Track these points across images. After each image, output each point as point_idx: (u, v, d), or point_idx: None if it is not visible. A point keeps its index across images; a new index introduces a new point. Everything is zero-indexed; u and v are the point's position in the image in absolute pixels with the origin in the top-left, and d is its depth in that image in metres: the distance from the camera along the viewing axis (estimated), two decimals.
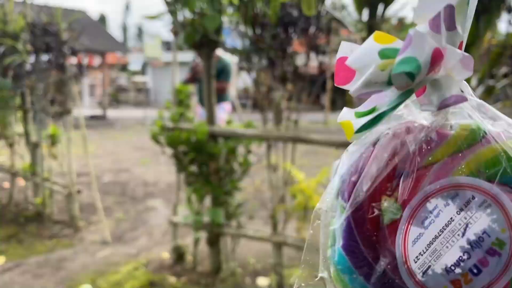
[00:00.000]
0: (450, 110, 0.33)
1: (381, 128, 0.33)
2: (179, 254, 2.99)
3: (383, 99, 0.32)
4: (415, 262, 0.30)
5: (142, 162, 7.07)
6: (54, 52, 3.41)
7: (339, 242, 0.32)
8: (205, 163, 2.68)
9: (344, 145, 2.09)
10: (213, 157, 2.64)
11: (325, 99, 15.44)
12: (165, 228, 3.68)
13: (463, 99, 0.31)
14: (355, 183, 0.32)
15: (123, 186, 5.38)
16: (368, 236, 0.31)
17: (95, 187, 3.62)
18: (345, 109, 0.35)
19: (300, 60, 2.33)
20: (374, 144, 0.33)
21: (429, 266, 0.30)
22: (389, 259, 0.31)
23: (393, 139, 0.32)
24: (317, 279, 0.33)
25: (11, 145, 4.22)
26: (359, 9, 1.98)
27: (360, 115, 0.33)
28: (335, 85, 0.34)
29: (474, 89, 2.00)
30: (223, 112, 3.95)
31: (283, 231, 2.52)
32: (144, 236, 3.59)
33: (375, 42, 0.31)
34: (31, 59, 3.58)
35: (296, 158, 2.69)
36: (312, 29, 2.20)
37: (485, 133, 0.31)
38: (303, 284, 0.34)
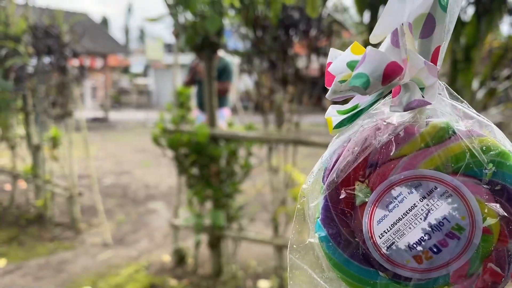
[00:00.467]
0: (426, 110, 0.37)
1: (358, 123, 0.38)
2: (180, 257, 2.98)
3: (364, 98, 0.38)
4: (380, 238, 0.36)
5: (144, 164, 7.07)
6: (56, 54, 3.41)
7: (319, 216, 0.38)
8: (206, 166, 2.67)
9: None
10: (214, 160, 2.63)
11: (327, 101, 15.42)
12: (166, 230, 3.68)
13: (425, 103, 0.35)
14: (331, 169, 0.37)
15: (124, 188, 5.38)
16: (343, 213, 0.37)
17: (96, 190, 3.62)
18: (330, 106, 0.40)
19: (301, 62, 2.33)
20: (350, 137, 0.38)
21: (393, 242, 0.36)
22: (359, 234, 0.37)
23: (365, 134, 0.37)
24: (306, 243, 0.39)
25: (12, 147, 4.23)
26: (361, 12, 1.97)
27: (342, 112, 0.39)
28: (325, 86, 0.38)
29: (475, 91, 1.99)
30: (222, 120, 3.79)
31: (284, 233, 2.52)
32: (145, 238, 3.59)
33: (350, 53, 0.36)
34: (33, 61, 3.59)
35: (297, 161, 2.68)
36: (313, 32, 2.20)
37: (454, 131, 0.36)
38: (294, 246, 0.40)
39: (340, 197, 0.37)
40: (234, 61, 4.08)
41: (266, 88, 2.44)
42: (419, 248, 0.35)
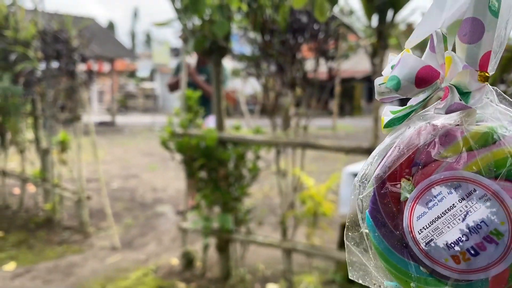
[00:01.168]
0: (473, 114, 0.38)
1: (407, 124, 0.40)
2: (188, 260, 2.99)
3: (416, 100, 0.39)
4: (419, 234, 0.37)
5: (151, 168, 7.09)
6: (65, 59, 3.44)
7: (367, 207, 0.41)
8: (214, 169, 2.68)
9: (354, 151, 2.07)
10: (222, 163, 2.64)
11: (333, 105, 15.44)
12: (174, 234, 3.69)
13: (465, 107, 0.36)
14: (379, 165, 0.40)
15: (132, 192, 5.40)
16: (388, 206, 0.39)
17: (104, 193, 3.64)
18: (386, 107, 0.42)
19: (309, 66, 2.33)
20: (398, 137, 0.40)
21: (432, 239, 0.37)
22: (401, 228, 0.38)
23: (412, 134, 0.39)
24: (358, 232, 0.42)
25: (21, 151, 4.27)
26: (369, 15, 1.98)
27: (393, 113, 0.41)
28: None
29: None
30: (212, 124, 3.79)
31: (292, 237, 2.51)
32: (153, 242, 3.60)
33: (398, 56, 0.38)
34: (42, 66, 3.62)
35: (304, 164, 2.68)
36: (321, 35, 2.20)
37: (498, 137, 0.36)
38: (349, 234, 0.43)
39: (386, 192, 0.39)
40: (228, 67, 4.18)
41: (274, 92, 2.45)
42: (457, 248, 0.36)
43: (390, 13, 1.95)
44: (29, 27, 3.81)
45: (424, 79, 0.35)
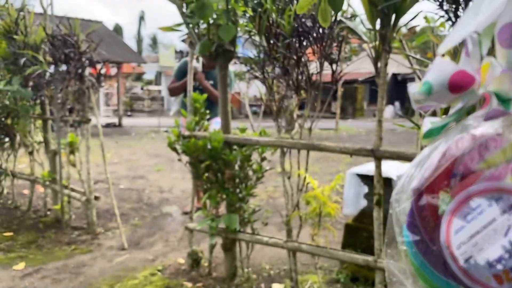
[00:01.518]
0: None
1: (447, 134, 0.39)
2: (194, 260, 3.03)
3: (454, 109, 0.39)
4: (457, 249, 0.35)
5: (157, 169, 7.15)
6: (73, 62, 3.50)
7: (405, 221, 0.39)
8: (220, 170, 2.72)
9: (358, 152, 2.11)
10: (228, 165, 2.69)
11: (336, 107, 15.47)
12: (180, 234, 3.73)
13: (503, 113, 0.35)
14: (416, 176, 0.38)
15: (139, 192, 5.46)
16: (426, 220, 0.37)
17: (112, 194, 3.69)
18: (425, 118, 0.42)
19: (313, 69, 2.37)
20: (437, 147, 0.39)
21: (471, 256, 0.34)
22: (439, 243, 0.36)
23: (451, 145, 0.37)
24: (397, 249, 0.41)
25: (30, 153, 4.33)
26: (372, 19, 2.01)
27: (433, 123, 0.40)
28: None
29: None
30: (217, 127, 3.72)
31: (297, 237, 2.55)
32: (160, 242, 3.65)
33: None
34: (51, 69, 3.68)
35: (308, 165, 2.71)
36: (325, 38, 2.24)
37: None
38: (388, 250, 0.42)
39: (424, 204, 0.37)
40: (232, 69, 4.11)
41: (278, 94, 2.49)
42: (499, 266, 0.33)
43: (393, 17, 1.98)
44: (38, 31, 3.87)
45: (458, 84, 0.34)
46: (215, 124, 3.81)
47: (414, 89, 0.37)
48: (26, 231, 3.84)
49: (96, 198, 3.82)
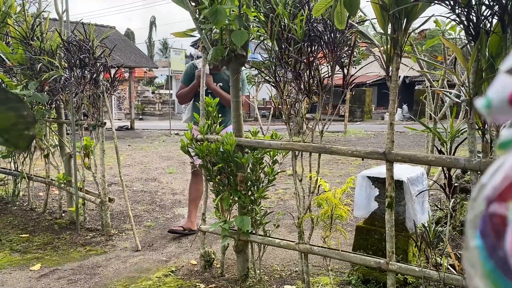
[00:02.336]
0: None
1: None
2: (207, 261, 3.07)
3: None
4: None
5: (169, 171, 7.22)
6: (88, 67, 3.57)
7: (478, 226, 0.40)
8: (232, 173, 2.76)
9: (370, 155, 2.12)
10: (240, 167, 2.72)
11: (344, 110, 15.47)
12: (193, 235, 3.77)
13: None
14: (489, 185, 0.40)
15: (151, 194, 5.52)
16: (495, 228, 0.38)
17: (126, 196, 3.75)
18: (504, 129, 0.43)
19: (324, 72, 2.40)
20: (508, 159, 0.40)
21: None
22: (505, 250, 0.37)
23: None
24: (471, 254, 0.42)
25: (46, 156, 4.42)
26: (383, 24, 2.03)
27: (508, 135, 0.41)
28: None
29: None
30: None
31: (309, 239, 2.57)
32: (173, 243, 3.69)
33: None
34: (66, 74, 3.76)
35: (316, 166, 2.74)
36: (336, 42, 2.27)
37: None
38: (467, 255, 0.42)
39: (494, 212, 0.38)
40: (243, 73, 3.88)
41: (290, 98, 2.52)
42: None
43: (404, 21, 2.00)
44: (54, 36, 3.96)
45: None
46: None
47: (478, 103, 0.39)
48: (41, 233, 3.91)
49: (110, 200, 3.88)
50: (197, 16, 2.60)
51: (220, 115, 3.01)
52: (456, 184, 2.24)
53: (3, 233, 3.88)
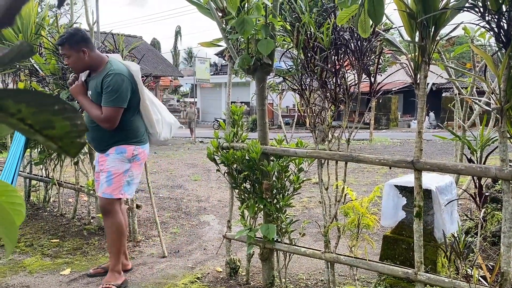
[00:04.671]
0: None
1: None
2: (232, 269, 3.08)
3: None
4: None
5: (194, 178, 7.30)
6: None
7: None
8: (257, 181, 2.78)
9: (397, 164, 2.10)
10: (265, 175, 2.73)
11: (370, 117, 15.31)
12: (218, 242, 3.80)
13: None
14: None
15: (177, 201, 5.59)
16: None
17: (153, 203, 3.81)
18: None
19: (351, 80, 2.39)
20: None
21: None
22: None
23: None
24: None
25: (76, 163, 4.54)
26: (411, 32, 2.02)
27: None
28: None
29: None
30: (116, 164, 2.89)
31: (335, 248, 2.55)
32: (198, 250, 3.72)
33: None
34: None
35: (341, 175, 2.73)
36: (363, 50, 2.27)
37: None
38: None
39: None
40: (134, 68, 2.95)
41: (316, 106, 2.52)
42: None
43: (432, 29, 1.98)
44: None
45: None
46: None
47: None
48: (71, 238, 4.00)
49: (138, 206, 3.95)
50: (224, 26, 2.64)
51: (101, 132, 2.79)
52: (486, 194, 2.19)
53: (35, 238, 3.99)
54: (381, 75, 2.56)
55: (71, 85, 2.92)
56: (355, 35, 2.26)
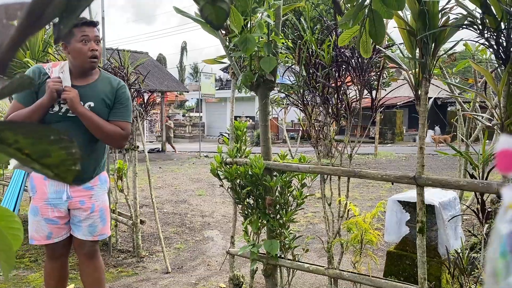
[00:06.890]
0: None
1: None
2: (236, 285, 3.07)
3: None
4: None
5: (199, 193, 7.30)
6: None
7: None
8: (261, 196, 2.78)
9: (400, 180, 2.10)
10: (268, 190, 2.74)
11: (375, 132, 15.29)
12: (222, 258, 3.79)
13: None
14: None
15: (181, 216, 5.59)
16: None
17: (157, 218, 3.82)
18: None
19: (352, 96, 2.42)
20: None
21: None
22: None
23: None
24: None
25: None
26: (411, 49, 2.05)
27: None
28: (499, 171, 0.49)
29: None
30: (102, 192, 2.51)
31: (338, 264, 2.54)
32: (202, 265, 3.71)
33: None
34: None
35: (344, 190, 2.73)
36: (364, 67, 2.29)
37: None
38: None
39: None
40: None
41: (318, 122, 2.54)
42: None
43: (432, 46, 2.01)
44: None
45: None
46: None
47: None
48: (75, 254, 3.99)
49: (142, 222, 3.95)
50: (227, 44, 2.68)
51: (87, 155, 2.28)
52: (489, 209, 2.18)
53: (39, 254, 4.00)
54: (385, 90, 2.57)
55: (57, 90, 2.15)
56: (356, 52, 2.29)
